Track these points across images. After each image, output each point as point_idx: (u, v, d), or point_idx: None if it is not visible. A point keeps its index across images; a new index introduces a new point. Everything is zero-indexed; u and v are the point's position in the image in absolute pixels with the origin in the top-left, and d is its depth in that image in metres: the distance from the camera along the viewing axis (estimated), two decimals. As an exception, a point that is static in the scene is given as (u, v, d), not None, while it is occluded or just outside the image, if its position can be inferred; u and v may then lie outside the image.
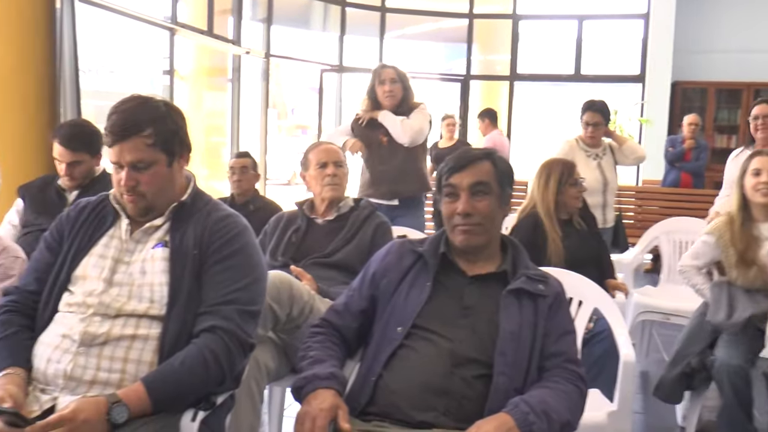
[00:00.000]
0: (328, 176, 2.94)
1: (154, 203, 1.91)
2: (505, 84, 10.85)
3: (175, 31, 6.76)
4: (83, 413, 1.61)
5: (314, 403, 1.74)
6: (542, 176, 3.44)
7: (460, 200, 1.91)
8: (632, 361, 2.48)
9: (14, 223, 3.33)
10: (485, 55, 11.47)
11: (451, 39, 11.50)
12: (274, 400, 3.22)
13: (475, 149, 2.02)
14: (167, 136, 1.89)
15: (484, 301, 1.89)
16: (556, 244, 3.31)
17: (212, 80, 8.73)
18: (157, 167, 1.88)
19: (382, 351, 1.87)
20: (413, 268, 1.97)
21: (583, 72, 10.52)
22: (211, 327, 1.80)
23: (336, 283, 2.69)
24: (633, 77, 10.43)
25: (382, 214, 3.08)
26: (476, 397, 1.77)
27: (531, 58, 10.83)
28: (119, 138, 1.85)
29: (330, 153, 3.01)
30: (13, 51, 4.38)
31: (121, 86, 7.60)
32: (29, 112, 4.52)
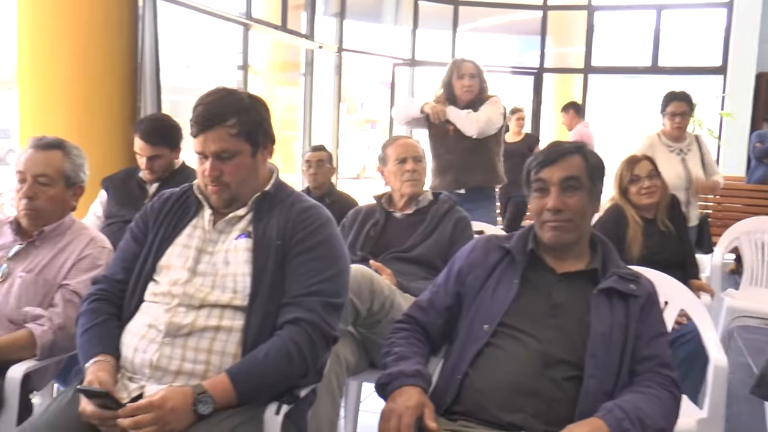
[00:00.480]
0: (407, 172, 2.91)
1: (238, 194, 1.92)
2: (578, 77, 10.62)
3: (250, 26, 6.84)
4: (171, 401, 1.64)
5: (400, 400, 1.71)
6: (616, 173, 3.39)
7: (550, 195, 1.85)
8: (724, 366, 2.38)
9: (98, 214, 3.42)
10: (558, 48, 11.26)
11: (523, 31, 11.35)
12: (351, 394, 3.23)
13: (565, 143, 1.96)
14: (251, 126, 1.90)
15: (574, 300, 1.83)
16: (634, 240, 3.22)
17: (285, 75, 8.81)
18: (240, 157, 1.89)
19: (468, 349, 1.83)
20: (500, 264, 1.92)
21: (660, 64, 10.20)
22: (294, 319, 1.80)
23: (416, 278, 2.66)
24: (714, 69, 10.06)
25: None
26: (566, 399, 1.72)
27: (606, 49, 10.58)
28: (204, 128, 1.87)
29: (409, 148, 2.98)
30: (99, 50, 4.51)
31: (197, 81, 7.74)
32: (113, 108, 4.64)
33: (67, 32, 4.41)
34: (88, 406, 1.66)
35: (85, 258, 2.35)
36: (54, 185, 2.35)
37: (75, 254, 2.35)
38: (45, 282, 2.28)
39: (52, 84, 4.44)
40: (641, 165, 3.34)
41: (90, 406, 1.65)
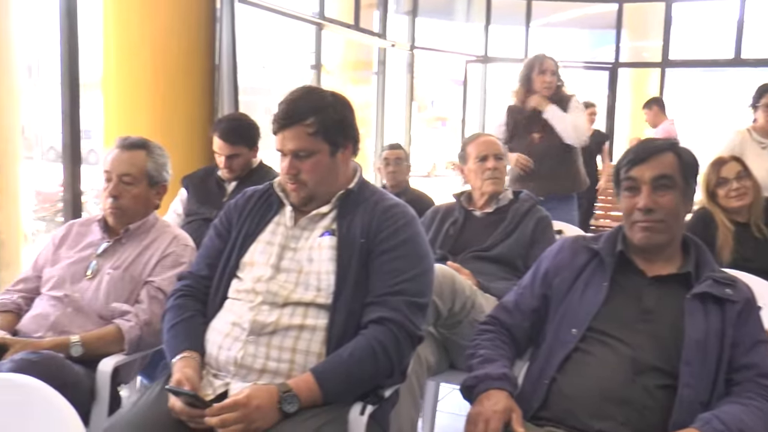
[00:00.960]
0: (488, 170, 2.87)
1: (315, 192, 1.92)
2: (655, 71, 10.32)
3: (323, 26, 6.89)
4: (256, 400, 1.65)
5: (487, 404, 1.69)
6: (703, 176, 3.21)
7: (641, 194, 1.78)
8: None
9: (179, 212, 3.49)
10: (634, 41, 10.97)
11: (598, 25, 11.10)
12: (429, 394, 3.20)
13: (657, 140, 1.89)
14: (330, 125, 1.90)
15: (666, 305, 1.76)
16: (724, 245, 3.07)
17: (358, 74, 8.84)
18: (318, 156, 1.89)
19: (555, 353, 1.79)
20: (588, 266, 1.87)
21: (743, 56, 9.82)
22: (379, 318, 1.79)
23: (496, 278, 2.63)
24: (802, 60, 9.63)
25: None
26: (659, 408, 1.66)
27: (685, 42, 10.24)
28: (282, 126, 1.89)
29: (490, 145, 2.94)
30: (179, 52, 4.62)
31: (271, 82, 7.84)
32: (192, 108, 4.74)
33: (149, 36, 4.53)
34: (177, 403, 1.69)
35: (168, 255, 2.40)
36: (137, 184, 2.41)
37: (159, 251, 2.40)
38: (131, 278, 2.34)
39: (135, 86, 4.57)
40: (728, 166, 3.19)
41: (178, 403, 1.68)
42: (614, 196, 1.91)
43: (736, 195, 3.14)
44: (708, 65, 10.37)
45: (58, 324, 2.25)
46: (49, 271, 2.40)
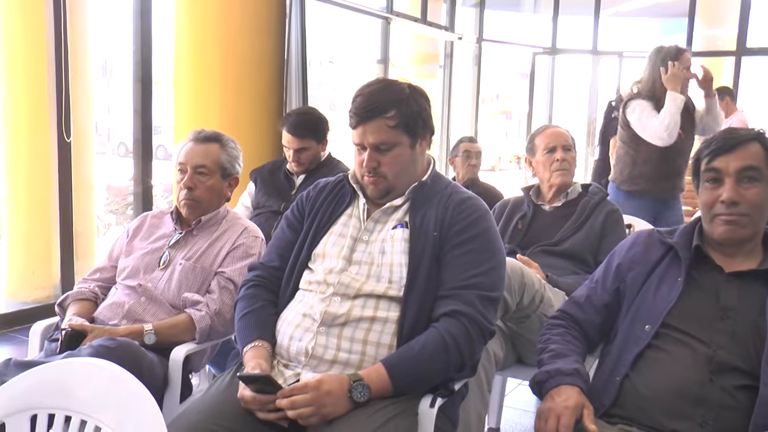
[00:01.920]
0: (556, 161, 2.83)
1: (395, 184, 1.92)
2: (729, 60, 9.97)
3: (390, 20, 6.89)
4: (327, 385, 1.66)
5: (558, 399, 1.66)
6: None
7: (724, 186, 1.71)
8: None
9: (247, 205, 3.54)
10: (707, 29, 10.63)
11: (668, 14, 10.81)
12: (495, 388, 3.18)
13: (742, 129, 1.79)
14: (410, 118, 1.89)
15: (746, 303, 1.69)
16: None
17: (424, 67, 8.83)
18: (399, 149, 1.89)
19: (628, 350, 1.74)
20: (663, 261, 1.81)
21: (825, 44, 9.41)
22: (451, 311, 1.78)
23: (565, 272, 2.59)
24: None
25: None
26: (738, 409, 1.60)
27: (763, 29, 9.85)
28: (363, 119, 1.88)
29: (558, 137, 2.89)
30: (249, 48, 4.71)
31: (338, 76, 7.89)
32: (262, 103, 4.82)
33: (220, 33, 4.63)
34: (246, 392, 1.70)
35: (239, 247, 2.43)
36: (212, 176, 2.45)
37: (230, 243, 2.43)
38: (202, 269, 2.38)
39: (205, 83, 4.67)
40: None
41: (248, 392, 1.70)
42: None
43: None
44: (787, 53, 9.95)
45: (133, 312, 2.31)
46: (123, 261, 2.46)
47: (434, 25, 7.71)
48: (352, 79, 9.00)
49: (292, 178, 3.44)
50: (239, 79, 4.65)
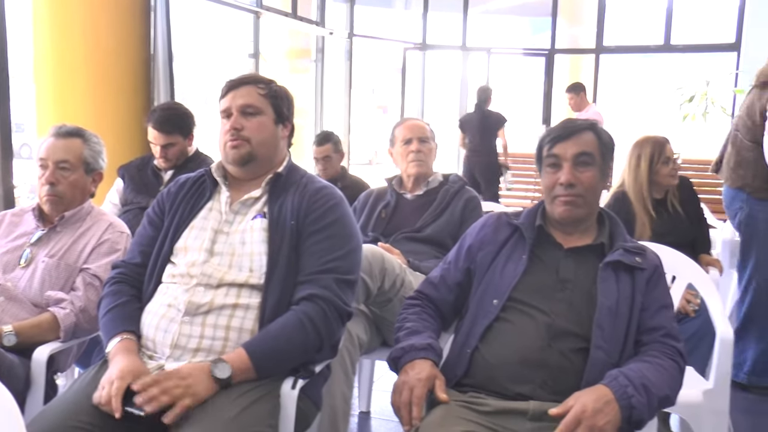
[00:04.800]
0: (412, 152, 2.96)
1: (257, 153, 1.99)
2: (590, 57, 10.58)
3: (260, 14, 6.88)
4: (187, 369, 1.71)
5: (412, 373, 1.76)
6: (633, 156, 3.31)
7: (562, 170, 1.88)
8: (729, 338, 2.42)
9: (114, 202, 3.48)
10: (570, 28, 11.22)
11: (534, 13, 11.32)
12: (364, 372, 3.30)
13: (578, 120, 1.98)
14: (278, 97, 2.02)
15: (581, 274, 1.86)
16: (644, 228, 3.20)
17: (296, 62, 8.84)
18: (264, 117, 2.00)
19: (478, 323, 1.87)
20: (509, 240, 1.96)
21: (673, 42, 10.14)
22: (309, 295, 1.85)
23: (426, 257, 2.70)
24: (727, 46, 9.97)
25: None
26: (573, 370, 1.75)
27: (618, 29, 10.52)
28: (234, 86, 2.00)
29: (415, 129, 3.02)
30: (113, 41, 4.57)
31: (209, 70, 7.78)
32: (127, 98, 4.71)
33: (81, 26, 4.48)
34: (103, 392, 1.68)
35: (104, 243, 2.41)
36: (74, 171, 2.42)
37: (95, 239, 2.41)
38: (66, 266, 2.35)
39: (67, 76, 4.51)
40: (668, 147, 3.29)
41: (105, 392, 1.67)
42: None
43: (674, 174, 3.28)
44: (640, 51, 10.67)
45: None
46: (-20, 261, 2.39)
47: (305, 20, 7.75)
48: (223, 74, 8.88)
49: (160, 174, 3.41)
50: (102, 73, 4.52)
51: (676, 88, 9.95)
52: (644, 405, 1.63)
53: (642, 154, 3.27)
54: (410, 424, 1.69)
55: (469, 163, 7.48)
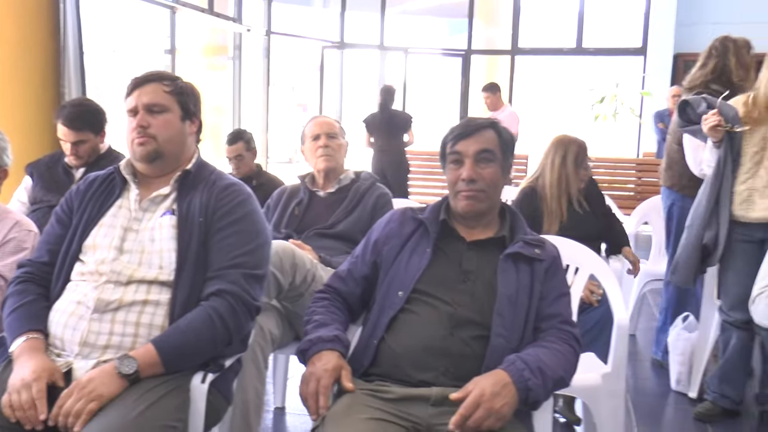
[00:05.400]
0: (320, 147, 3.00)
1: (164, 150, 1.99)
2: (506, 58, 10.86)
3: (176, 9, 6.78)
4: (88, 375, 1.71)
5: (319, 364, 1.80)
6: (557, 155, 3.42)
7: (464, 167, 1.96)
8: (626, 324, 2.56)
9: (23, 200, 3.39)
10: (486, 30, 11.46)
11: (451, 14, 11.50)
12: (279, 368, 3.32)
13: (479, 118, 2.06)
14: (184, 93, 2.03)
15: (483, 266, 1.94)
16: (553, 221, 3.37)
17: (215, 59, 8.75)
18: (170, 115, 2.00)
19: (384, 315, 1.92)
20: (414, 234, 2.02)
21: (584, 45, 10.51)
22: (217, 291, 1.87)
23: (338, 252, 2.74)
24: (635, 50, 10.42)
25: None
26: (474, 356, 1.83)
27: (532, 31, 10.82)
28: (139, 84, 1.99)
29: (323, 125, 3.07)
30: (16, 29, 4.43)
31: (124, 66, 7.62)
32: (34, 92, 4.58)
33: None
34: (21, 402, 1.66)
35: (10, 241, 2.35)
36: None
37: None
38: (-30, 265, 2.29)
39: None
40: (587, 150, 3.46)
41: (24, 403, 1.66)
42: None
43: (586, 178, 3.49)
44: (553, 53, 11.01)
45: None
46: None
47: (222, 16, 7.68)
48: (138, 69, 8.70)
49: (71, 171, 3.33)
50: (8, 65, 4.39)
51: (587, 89, 10.32)
52: (540, 387, 1.72)
53: (568, 153, 3.40)
54: (317, 413, 1.74)
55: (379, 163, 7.56)
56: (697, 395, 3.58)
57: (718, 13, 9.96)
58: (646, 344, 4.60)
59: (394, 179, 7.44)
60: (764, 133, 3.08)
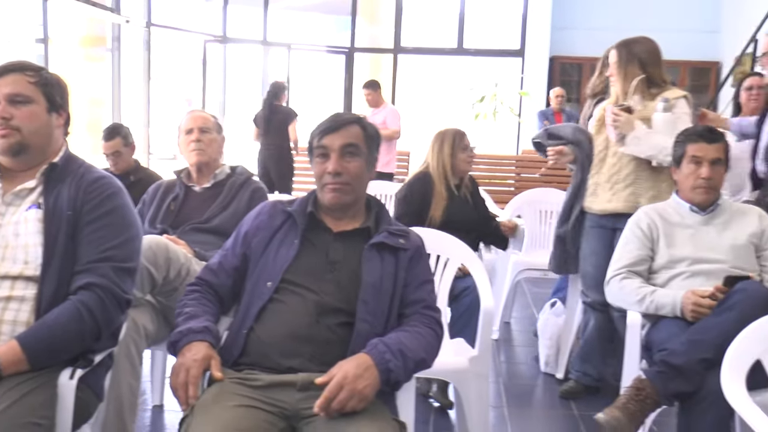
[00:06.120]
0: (192, 142, 3.01)
1: (29, 142, 1.95)
2: (389, 56, 11.04)
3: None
4: None
5: (188, 354, 1.82)
6: (436, 143, 3.75)
7: (330, 160, 2.02)
8: (491, 311, 2.70)
9: None
10: (370, 28, 11.59)
11: (335, 11, 11.56)
12: (157, 365, 3.29)
13: (346, 114, 2.12)
14: (49, 84, 1.98)
15: (349, 256, 2.02)
16: (439, 203, 3.62)
17: (91, 50, 8.46)
18: (35, 106, 1.96)
19: (253, 305, 1.97)
20: (283, 226, 2.08)
21: (465, 45, 10.82)
22: (86, 284, 1.86)
23: (214, 247, 2.73)
24: (513, 51, 10.82)
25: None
26: (339, 342, 1.90)
27: (415, 31, 11.04)
28: (1, 74, 1.94)
29: (196, 120, 3.08)
30: None
31: (-8, 56, 7.24)
32: None
33: None
34: None
35: None
36: None
37: None
38: None
39: None
40: (466, 137, 3.77)
41: None
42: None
43: (470, 161, 3.77)
44: (435, 52, 11.26)
45: None
46: None
47: (99, 5, 7.43)
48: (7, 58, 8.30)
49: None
50: None
51: (468, 88, 10.64)
52: (401, 368, 1.81)
53: (445, 140, 3.72)
54: (187, 403, 1.76)
55: (262, 158, 7.58)
56: (563, 375, 3.83)
57: (590, 18, 10.51)
58: (519, 330, 4.84)
59: (276, 175, 7.46)
60: (606, 135, 3.40)
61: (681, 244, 2.77)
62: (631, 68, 3.31)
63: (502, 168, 10.13)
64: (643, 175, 3.29)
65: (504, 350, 4.40)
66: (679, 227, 2.81)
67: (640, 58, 3.30)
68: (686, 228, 2.80)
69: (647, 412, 2.32)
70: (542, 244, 4.82)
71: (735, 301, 2.38)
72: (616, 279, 2.80)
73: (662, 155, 3.14)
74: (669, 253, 2.77)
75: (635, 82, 3.28)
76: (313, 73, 11.06)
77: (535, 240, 4.87)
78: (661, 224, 2.82)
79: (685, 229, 2.80)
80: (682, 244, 2.77)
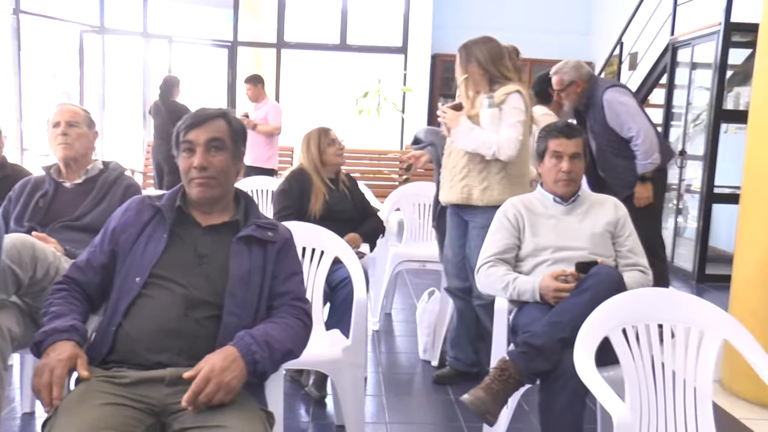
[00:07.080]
0: (59, 136, 2.94)
1: None
2: (272, 51, 10.99)
3: None
4: None
5: (53, 354, 1.80)
6: (304, 143, 3.97)
7: (196, 155, 2.04)
8: (364, 301, 2.79)
9: None
10: (253, 22, 11.49)
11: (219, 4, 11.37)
12: (27, 370, 3.18)
13: (211, 108, 2.13)
14: None
15: (217, 249, 2.04)
16: (319, 198, 3.78)
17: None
18: None
19: (121, 301, 1.96)
20: (151, 221, 2.08)
21: (348, 42, 10.92)
22: None
23: (85, 245, 2.65)
24: (396, 48, 11.01)
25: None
26: (207, 335, 1.92)
27: (298, 26, 11.02)
28: None
29: (64, 113, 2.99)
30: None
31: None
32: None
33: None
34: None
35: None
36: None
37: None
38: None
39: None
40: (331, 132, 3.99)
41: None
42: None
43: (340, 154, 3.96)
44: (318, 48, 11.28)
45: None
46: None
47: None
48: None
49: None
50: None
51: (351, 84, 10.74)
52: (267, 359, 1.86)
53: (311, 139, 3.93)
54: (51, 405, 1.73)
55: (155, 152, 7.52)
56: (438, 362, 3.98)
57: (471, 18, 10.82)
58: (400, 321, 4.98)
59: (168, 170, 7.39)
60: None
61: (545, 234, 2.94)
62: (471, 68, 3.50)
63: (386, 163, 10.31)
64: (476, 169, 3.48)
65: (385, 341, 4.52)
66: (543, 217, 2.98)
67: (477, 58, 3.49)
68: (550, 218, 2.98)
69: (510, 391, 2.46)
70: (421, 237, 4.97)
71: (589, 285, 2.56)
72: (484, 267, 2.95)
73: (484, 149, 3.37)
74: (534, 241, 2.93)
75: (460, 81, 3.52)
76: (195, 66, 10.84)
77: (414, 232, 5.03)
78: (527, 215, 2.98)
79: (548, 219, 2.98)
80: (546, 233, 2.94)
